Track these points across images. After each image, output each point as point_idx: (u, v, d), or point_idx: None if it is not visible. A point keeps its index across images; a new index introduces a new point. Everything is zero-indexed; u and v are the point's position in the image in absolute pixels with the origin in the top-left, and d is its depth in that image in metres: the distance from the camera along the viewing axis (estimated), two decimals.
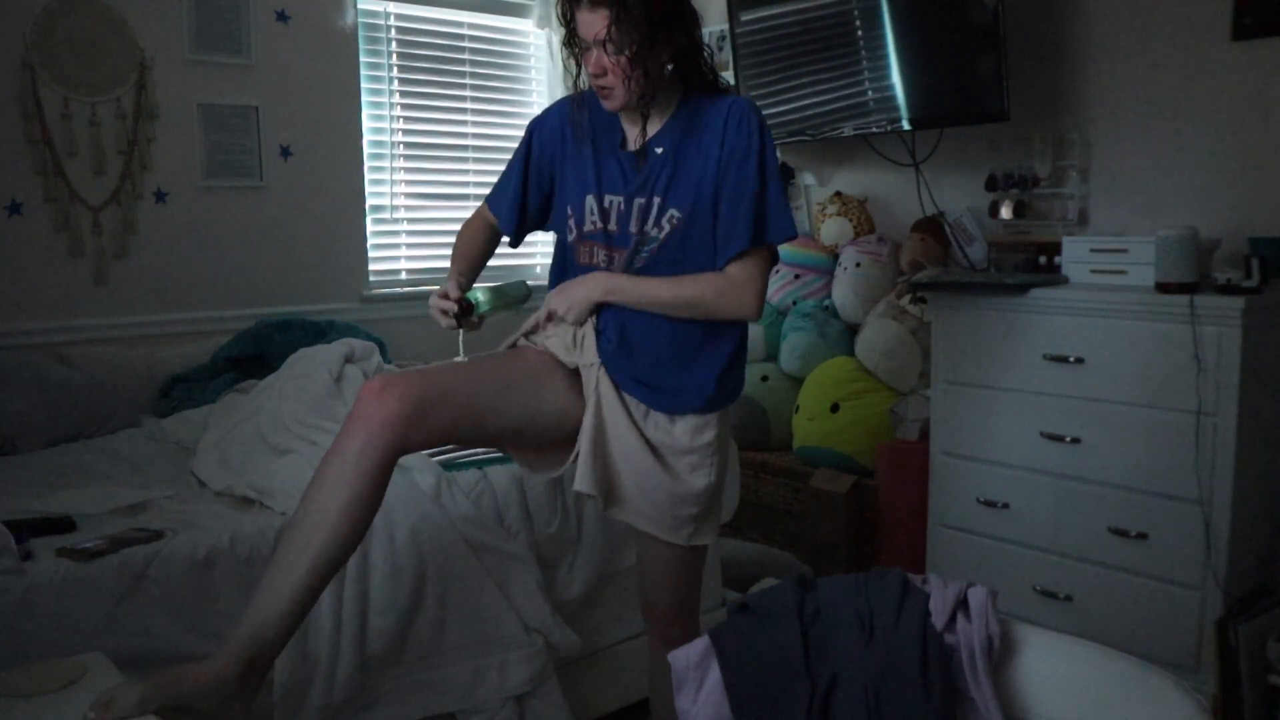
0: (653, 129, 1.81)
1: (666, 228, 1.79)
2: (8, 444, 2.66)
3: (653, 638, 2.01)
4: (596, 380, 1.83)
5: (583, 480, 1.78)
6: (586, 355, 1.84)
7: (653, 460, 1.82)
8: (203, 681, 1.52)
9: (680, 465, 1.83)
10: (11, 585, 1.76)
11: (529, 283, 1.97)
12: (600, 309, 1.84)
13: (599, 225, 1.83)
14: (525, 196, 1.94)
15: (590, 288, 1.82)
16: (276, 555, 1.64)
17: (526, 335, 1.94)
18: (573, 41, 1.75)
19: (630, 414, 1.83)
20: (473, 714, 2.21)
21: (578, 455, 1.81)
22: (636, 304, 1.80)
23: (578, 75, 1.79)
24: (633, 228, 1.81)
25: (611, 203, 1.82)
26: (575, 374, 1.86)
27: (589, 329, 1.85)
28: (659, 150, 1.80)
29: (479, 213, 2.04)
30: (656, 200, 1.79)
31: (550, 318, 1.90)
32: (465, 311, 1.79)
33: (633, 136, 1.84)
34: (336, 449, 1.64)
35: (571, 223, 1.86)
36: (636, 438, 1.82)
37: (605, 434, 1.82)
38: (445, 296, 1.78)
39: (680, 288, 1.79)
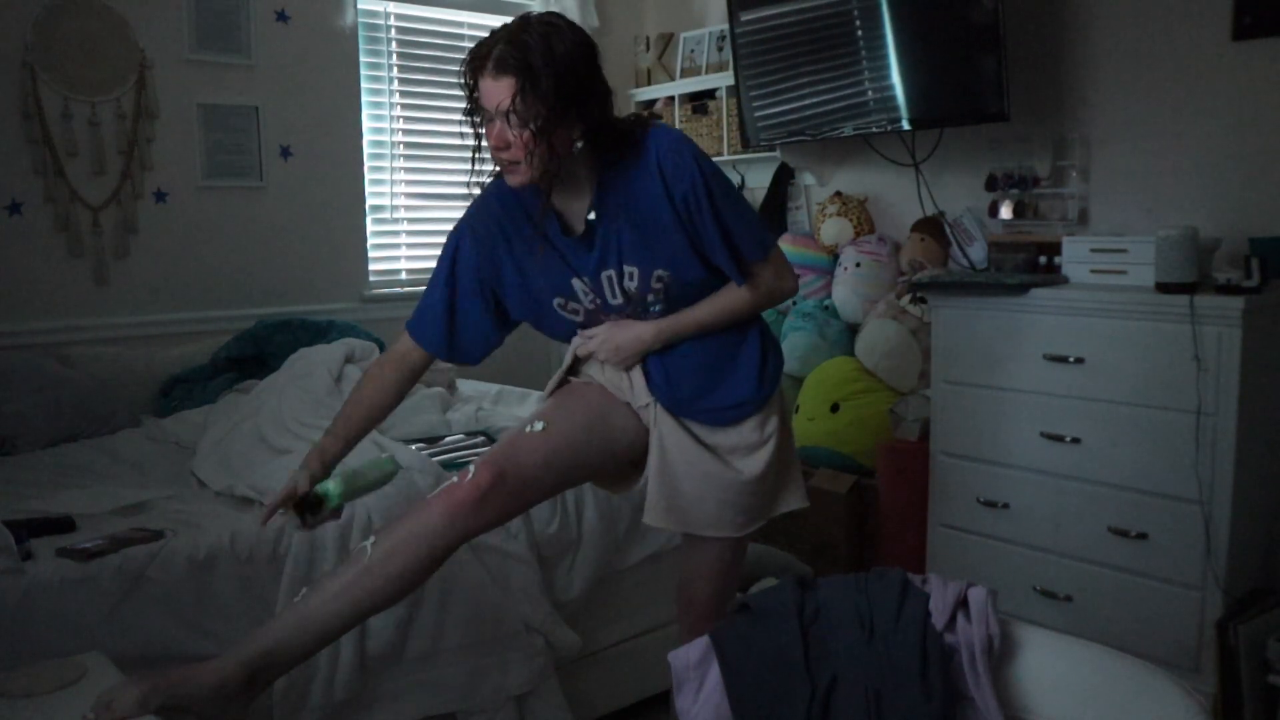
0: (583, 203, 1.74)
1: (660, 287, 1.77)
2: (8, 444, 2.66)
3: (686, 633, 2.01)
4: (655, 418, 1.85)
5: (653, 516, 1.84)
6: (639, 397, 1.86)
7: (721, 465, 1.84)
8: (205, 684, 1.53)
9: (754, 460, 1.85)
10: (11, 585, 1.76)
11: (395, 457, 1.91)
12: None
13: (598, 302, 1.80)
14: (454, 316, 1.84)
15: (640, 336, 1.79)
16: (325, 582, 1.66)
17: (571, 371, 1.94)
18: (474, 111, 1.63)
19: (694, 435, 1.86)
20: (473, 714, 2.21)
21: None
22: (688, 336, 1.81)
23: (477, 148, 1.67)
24: (617, 298, 1.79)
25: (587, 280, 1.78)
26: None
27: (636, 371, 1.85)
28: (591, 217, 1.73)
29: (394, 355, 1.88)
30: (628, 269, 1.74)
31: (581, 358, 1.90)
32: (313, 506, 1.71)
33: (569, 218, 1.77)
34: (422, 517, 1.67)
35: (573, 306, 1.82)
36: (701, 451, 1.84)
37: (670, 464, 1.84)
38: (291, 494, 1.69)
39: (723, 308, 1.80)
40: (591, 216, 1.73)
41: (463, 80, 1.62)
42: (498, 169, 1.72)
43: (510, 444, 1.78)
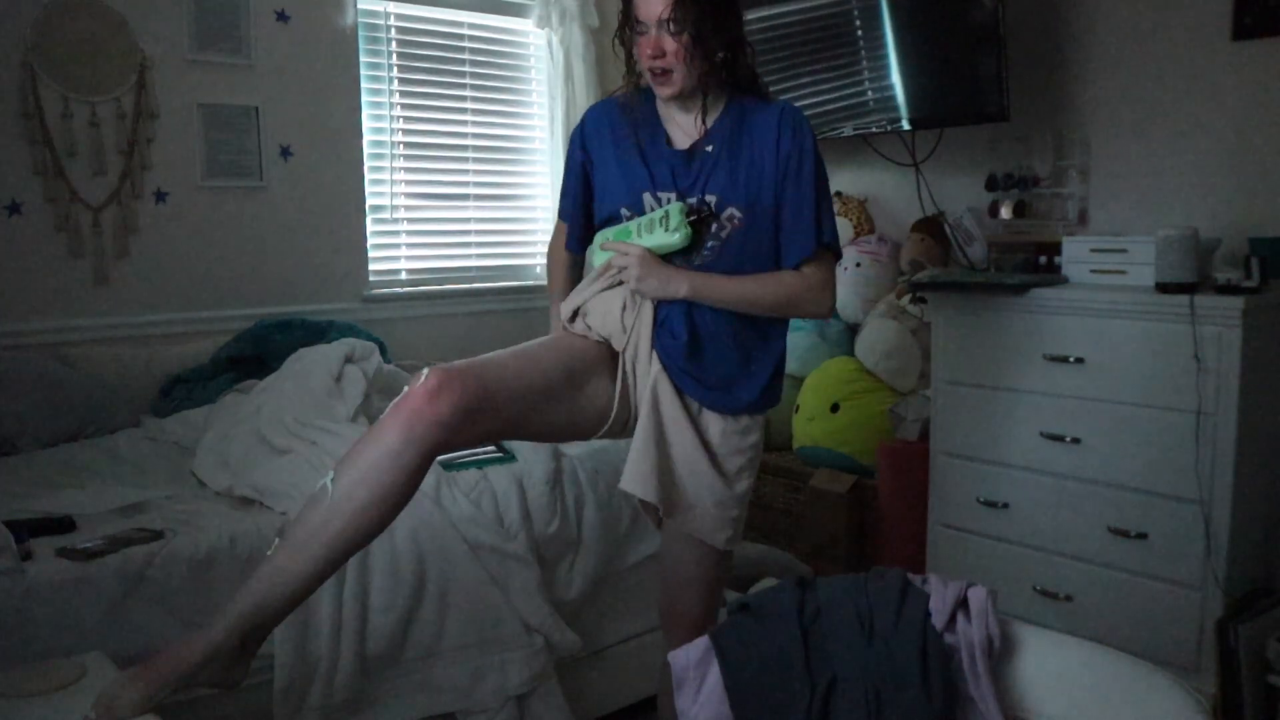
0: (693, 121, 1.82)
1: (728, 227, 1.79)
2: (8, 444, 2.66)
3: (673, 645, 1.97)
4: (653, 378, 1.80)
5: (640, 486, 1.76)
6: (641, 348, 1.82)
7: (707, 461, 1.81)
8: (199, 654, 1.52)
9: (730, 466, 1.84)
10: (11, 585, 1.76)
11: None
12: (663, 302, 1.81)
13: None
14: (582, 193, 1.97)
15: (675, 282, 1.77)
16: (292, 531, 1.59)
17: (574, 316, 1.90)
18: (626, 26, 1.78)
19: (687, 411, 1.82)
20: (472, 714, 2.21)
21: (631, 453, 1.80)
22: (720, 304, 1.79)
23: (629, 66, 1.83)
24: None
25: (665, 199, 1.81)
26: (617, 367, 1.85)
27: (646, 317, 1.81)
28: (709, 149, 1.81)
29: (555, 243, 2.07)
30: (711, 199, 1.79)
31: (607, 271, 1.86)
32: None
33: (677, 136, 1.84)
34: (378, 437, 1.58)
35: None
36: (693, 437, 1.81)
37: (665, 434, 1.80)
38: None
39: (764, 288, 1.81)
40: (709, 149, 1.81)
41: None
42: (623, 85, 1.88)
43: (474, 358, 1.73)
